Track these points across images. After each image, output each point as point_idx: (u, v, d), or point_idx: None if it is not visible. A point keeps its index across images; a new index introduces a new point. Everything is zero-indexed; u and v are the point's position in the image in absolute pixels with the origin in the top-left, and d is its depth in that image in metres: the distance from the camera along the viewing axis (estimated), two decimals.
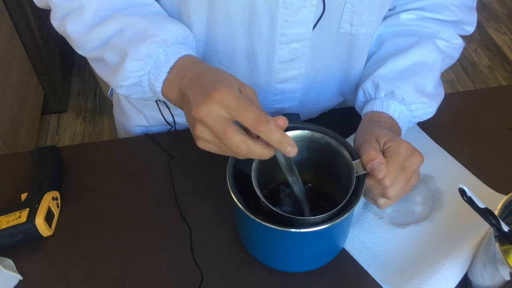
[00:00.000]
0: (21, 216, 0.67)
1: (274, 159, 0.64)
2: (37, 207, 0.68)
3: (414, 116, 0.72)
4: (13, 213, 0.68)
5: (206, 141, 0.53)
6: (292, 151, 0.52)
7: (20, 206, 0.69)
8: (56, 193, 0.72)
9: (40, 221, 0.67)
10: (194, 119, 0.52)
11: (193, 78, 0.57)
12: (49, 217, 0.69)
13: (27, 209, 0.68)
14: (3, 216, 0.67)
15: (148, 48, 0.60)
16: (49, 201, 0.69)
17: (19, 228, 0.66)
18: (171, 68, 0.60)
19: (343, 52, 0.75)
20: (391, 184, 0.58)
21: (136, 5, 0.64)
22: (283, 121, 0.52)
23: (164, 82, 0.61)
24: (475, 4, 0.76)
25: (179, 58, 0.61)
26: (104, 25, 0.62)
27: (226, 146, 0.52)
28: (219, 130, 0.51)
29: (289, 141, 0.51)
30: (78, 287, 0.65)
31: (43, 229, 0.67)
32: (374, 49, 0.77)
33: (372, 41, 0.77)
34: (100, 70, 0.67)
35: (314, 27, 0.67)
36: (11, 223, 0.67)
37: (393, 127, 0.68)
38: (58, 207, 0.72)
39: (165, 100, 0.63)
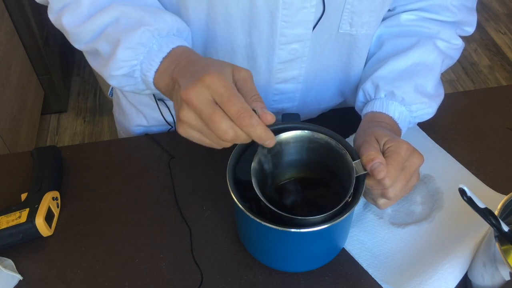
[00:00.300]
0: (21, 216, 0.67)
1: (273, 160, 0.65)
2: (37, 207, 0.68)
3: (414, 116, 0.72)
4: (13, 213, 0.68)
5: (190, 127, 0.52)
6: (270, 143, 0.53)
7: (20, 206, 0.69)
8: (56, 193, 0.72)
9: (40, 221, 0.67)
10: (182, 101, 0.51)
11: (186, 65, 0.56)
12: (49, 217, 0.69)
13: (27, 209, 0.68)
14: (3, 216, 0.67)
15: (141, 37, 0.59)
16: (49, 201, 0.69)
17: (19, 228, 0.66)
18: (163, 58, 0.59)
19: (343, 52, 0.75)
20: (391, 185, 0.58)
21: None
22: (270, 117, 0.51)
23: (156, 72, 0.60)
24: (475, 5, 0.76)
25: (172, 48, 0.60)
26: (100, 15, 0.61)
27: (211, 132, 0.51)
28: (206, 114, 0.50)
29: (269, 136, 0.52)
30: (78, 287, 0.65)
31: (43, 229, 0.67)
32: (374, 49, 0.77)
33: (372, 42, 0.77)
34: (94, 63, 0.66)
35: (314, 27, 0.67)
36: (11, 223, 0.67)
37: (393, 128, 0.68)
38: (58, 207, 0.72)
39: (156, 91, 0.62)
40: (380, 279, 0.65)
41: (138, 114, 0.88)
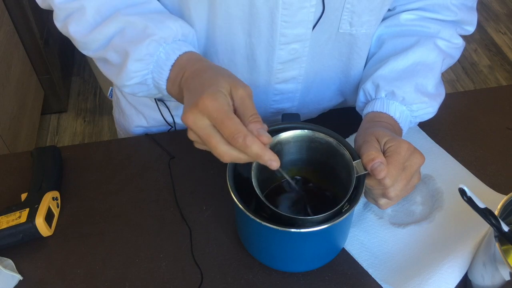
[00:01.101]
0: (21, 216, 0.67)
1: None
2: (37, 207, 0.68)
3: (415, 116, 0.72)
4: (13, 213, 0.68)
5: (198, 143, 0.55)
6: (273, 165, 0.52)
7: (20, 206, 0.69)
8: (56, 193, 0.72)
9: (40, 221, 0.67)
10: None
11: (190, 77, 0.57)
12: (49, 217, 0.69)
13: (27, 209, 0.68)
14: (3, 216, 0.67)
15: (148, 48, 0.60)
16: (49, 201, 0.69)
17: (19, 228, 0.66)
18: (172, 66, 0.61)
19: (343, 52, 0.75)
20: (391, 184, 0.58)
21: (136, 3, 0.64)
22: (266, 139, 0.51)
23: (167, 80, 0.61)
24: (475, 4, 0.76)
25: (179, 55, 0.61)
26: (105, 25, 0.62)
27: None
28: (204, 138, 0.52)
29: (269, 156, 0.51)
30: (78, 287, 0.65)
31: (43, 229, 0.67)
32: (374, 49, 0.77)
33: (372, 42, 0.77)
34: (105, 70, 0.67)
35: (313, 27, 0.67)
36: (11, 223, 0.67)
37: (394, 128, 0.68)
38: (58, 207, 0.72)
39: (170, 97, 0.64)
40: (380, 279, 0.65)
41: (138, 115, 0.88)
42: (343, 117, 0.83)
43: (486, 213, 0.54)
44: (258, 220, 0.56)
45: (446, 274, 0.62)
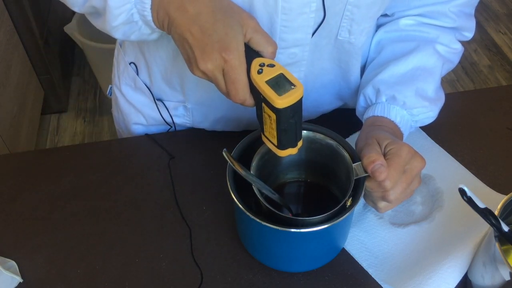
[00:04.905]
0: None
1: (272, 159, 0.65)
2: None
3: (415, 120, 0.72)
4: None
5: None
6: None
7: None
8: None
9: None
10: (197, 69, 0.56)
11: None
12: None
13: None
14: None
15: None
16: None
17: None
18: None
19: (342, 58, 0.74)
20: (392, 187, 0.58)
21: None
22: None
23: (151, 9, 0.59)
24: (473, 11, 0.76)
25: None
26: None
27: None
28: (213, 81, 0.56)
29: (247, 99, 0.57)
30: (78, 287, 0.65)
31: None
32: (374, 54, 0.77)
33: (372, 47, 0.77)
34: (96, 22, 0.66)
35: (314, 33, 0.67)
36: None
37: (395, 132, 0.68)
38: None
39: (163, 32, 0.62)
40: (380, 279, 0.65)
41: (137, 114, 0.88)
42: (343, 117, 0.83)
43: (486, 213, 0.54)
44: (258, 220, 0.56)
45: (446, 274, 0.62)
